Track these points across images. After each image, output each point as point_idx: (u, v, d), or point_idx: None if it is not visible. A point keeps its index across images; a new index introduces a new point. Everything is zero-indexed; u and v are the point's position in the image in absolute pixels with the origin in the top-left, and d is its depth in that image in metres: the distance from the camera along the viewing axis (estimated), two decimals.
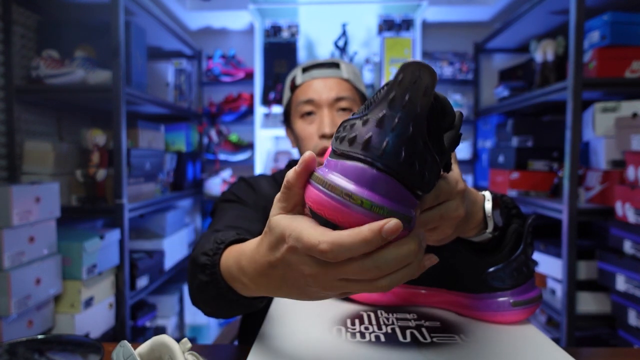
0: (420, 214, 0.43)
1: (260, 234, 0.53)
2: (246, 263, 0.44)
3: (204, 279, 0.55)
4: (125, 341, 0.39)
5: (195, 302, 0.60)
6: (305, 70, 0.95)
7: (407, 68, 0.31)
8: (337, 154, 0.35)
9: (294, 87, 0.95)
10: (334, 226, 0.34)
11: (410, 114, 0.32)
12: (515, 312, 0.55)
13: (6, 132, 1.49)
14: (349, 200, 0.32)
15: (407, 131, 0.32)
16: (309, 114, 0.92)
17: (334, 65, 0.95)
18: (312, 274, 0.35)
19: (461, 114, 0.40)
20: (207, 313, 0.60)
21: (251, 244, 0.45)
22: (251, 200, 0.88)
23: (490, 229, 0.52)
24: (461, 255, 0.57)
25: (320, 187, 0.34)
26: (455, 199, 0.45)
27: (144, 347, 0.40)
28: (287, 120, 1.00)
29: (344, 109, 0.91)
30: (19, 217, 1.16)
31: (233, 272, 0.49)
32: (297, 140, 0.96)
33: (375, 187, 0.32)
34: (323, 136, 0.88)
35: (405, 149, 0.32)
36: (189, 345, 0.39)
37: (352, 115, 0.36)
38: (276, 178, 0.96)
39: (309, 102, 0.91)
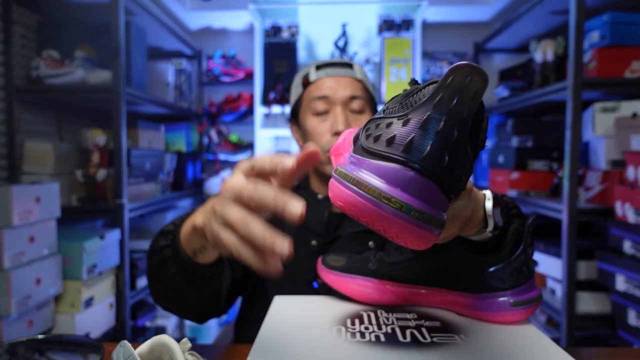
0: None
1: None
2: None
3: (163, 243, 0.60)
4: (126, 341, 0.39)
5: (150, 279, 0.66)
6: (319, 67, 0.95)
7: (458, 70, 0.30)
8: (367, 152, 0.33)
9: (306, 84, 0.95)
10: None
11: (456, 118, 0.31)
12: (515, 312, 0.55)
13: (6, 132, 1.49)
14: (387, 203, 0.31)
15: (451, 135, 0.31)
16: (322, 113, 0.91)
17: (348, 65, 0.95)
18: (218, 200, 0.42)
19: (487, 117, 0.40)
20: (160, 300, 0.67)
21: None
22: None
23: (490, 227, 0.52)
24: (461, 255, 0.57)
25: (354, 188, 0.32)
26: (464, 198, 0.45)
27: (144, 347, 0.40)
28: (294, 117, 0.99)
29: (356, 112, 0.91)
30: (19, 217, 1.16)
31: (190, 218, 0.55)
32: (305, 137, 0.95)
33: (414, 191, 0.31)
34: (336, 133, 0.88)
35: (449, 153, 0.31)
36: (189, 345, 0.39)
37: (382, 113, 0.35)
38: None
39: (323, 98, 0.90)
